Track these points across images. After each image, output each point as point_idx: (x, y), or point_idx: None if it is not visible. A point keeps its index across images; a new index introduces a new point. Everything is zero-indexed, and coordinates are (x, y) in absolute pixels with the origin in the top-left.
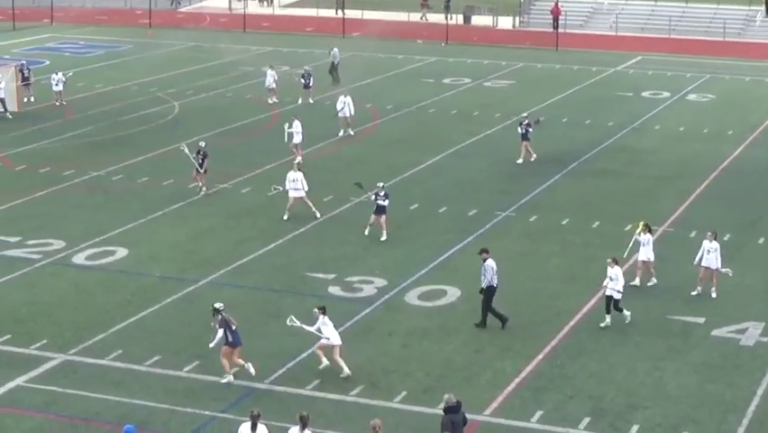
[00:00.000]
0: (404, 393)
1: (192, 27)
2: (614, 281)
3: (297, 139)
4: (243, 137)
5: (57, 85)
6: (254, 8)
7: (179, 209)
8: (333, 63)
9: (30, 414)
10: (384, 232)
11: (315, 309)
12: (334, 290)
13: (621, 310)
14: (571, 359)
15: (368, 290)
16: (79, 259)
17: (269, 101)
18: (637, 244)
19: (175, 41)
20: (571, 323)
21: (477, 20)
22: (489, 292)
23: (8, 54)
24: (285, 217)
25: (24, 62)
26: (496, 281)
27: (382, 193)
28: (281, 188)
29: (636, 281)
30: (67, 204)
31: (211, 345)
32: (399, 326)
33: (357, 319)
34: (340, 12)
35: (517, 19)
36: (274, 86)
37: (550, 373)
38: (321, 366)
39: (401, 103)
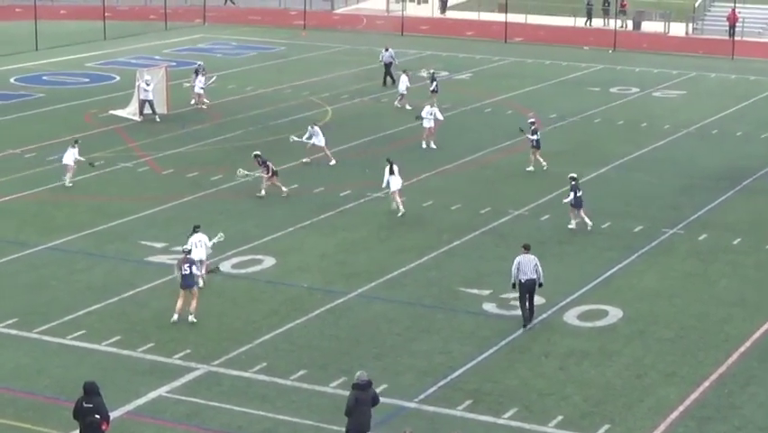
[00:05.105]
0: (560, 418)
1: (348, 29)
2: None
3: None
4: (396, 145)
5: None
6: (413, 10)
7: (329, 219)
8: (386, 64)
9: (171, 425)
10: (587, 222)
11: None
12: (489, 306)
13: None
14: (740, 388)
15: None
16: (225, 267)
17: (397, 105)
18: None
19: (330, 43)
20: (741, 349)
21: (647, 26)
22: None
23: (159, 55)
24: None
25: (201, 64)
26: (524, 278)
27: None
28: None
29: None
30: (214, 210)
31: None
32: (557, 347)
33: (512, 338)
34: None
35: (691, 25)
36: (405, 92)
37: (717, 402)
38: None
39: (565, 112)
